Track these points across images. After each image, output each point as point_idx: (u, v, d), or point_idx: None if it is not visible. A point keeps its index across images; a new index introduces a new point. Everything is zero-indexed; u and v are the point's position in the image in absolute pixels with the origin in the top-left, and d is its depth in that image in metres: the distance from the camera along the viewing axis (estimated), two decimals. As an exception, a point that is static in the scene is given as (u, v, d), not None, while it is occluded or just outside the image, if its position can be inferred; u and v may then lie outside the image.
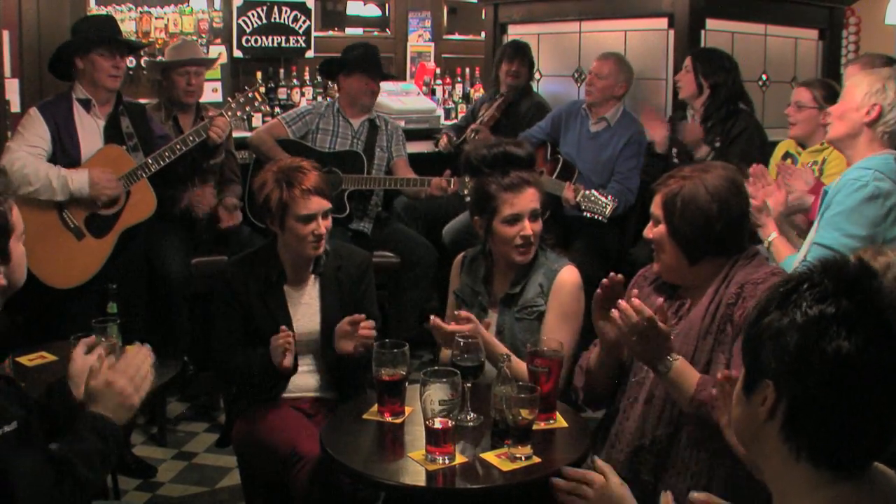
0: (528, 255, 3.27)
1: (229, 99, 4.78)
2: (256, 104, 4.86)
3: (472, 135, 5.92)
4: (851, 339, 1.41)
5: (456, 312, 3.14)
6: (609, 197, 4.75)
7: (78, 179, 4.38)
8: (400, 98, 6.94)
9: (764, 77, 6.05)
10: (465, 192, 4.71)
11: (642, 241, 4.80)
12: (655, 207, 2.76)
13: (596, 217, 4.74)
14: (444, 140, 6.16)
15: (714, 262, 2.71)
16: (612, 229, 5.20)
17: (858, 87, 3.28)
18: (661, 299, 2.69)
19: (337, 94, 5.62)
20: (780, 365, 1.46)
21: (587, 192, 4.80)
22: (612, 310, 2.59)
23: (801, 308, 1.45)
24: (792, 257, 3.33)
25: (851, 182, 3.18)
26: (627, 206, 5.26)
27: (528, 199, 3.23)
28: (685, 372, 2.55)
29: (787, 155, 4.72)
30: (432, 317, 3.11)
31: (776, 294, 1.51)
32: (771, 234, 3.50)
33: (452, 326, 3.02)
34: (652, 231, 2.77)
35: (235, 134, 5.43)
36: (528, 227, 3.23)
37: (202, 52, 5.57)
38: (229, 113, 4.71)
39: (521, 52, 6.13)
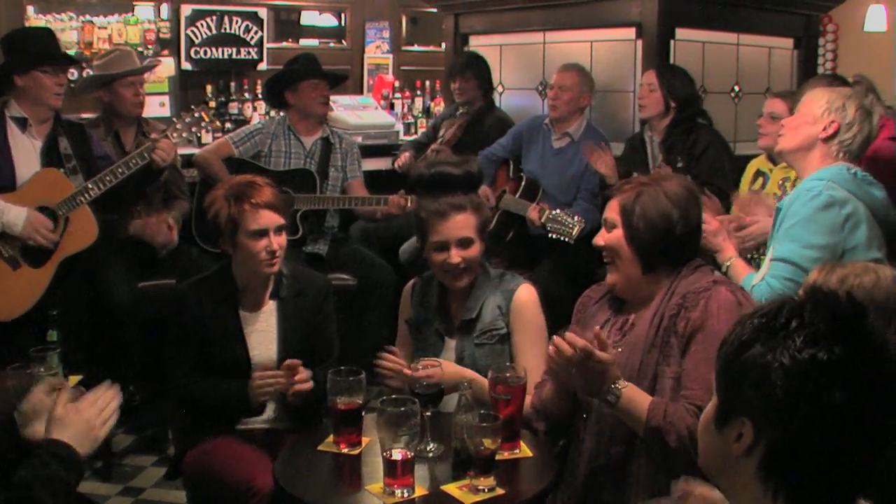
0: (459, 281, 3.30)
1: (174, 120, 4.75)
2: (203, 124, 4.84)
3: (434, 154, 5.88)
4: (843, 388, 1.42)
5: (388, 348, 3.18)
6: (576, 217, 4.75)
7: (15, 214, 4.30)
8: (357, 112, 6.97)
9: (736, 88, 6.11)
10: None
11: None
12: (611, 213, 2.79)
13: (563, 239, 4.75)
14: (402, 158, 6.14)
15: (665, 272, 2.76)
16: (579, 248, 4.92)
17: (817, 102, 3.33)
18: (597, 327, 2.73)
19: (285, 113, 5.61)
20: (762, 406, 1.46)
21: (553, 212, 4.81)
22: (549, 346, 2.63)
23: (789, 350, 1.44)
24: (750, 276, 3.34)
25: (805, 193, 3.23)
26: (595, 225, 5.06)
27: (456, 227, 3.25)
28: (634, 399, 2.58)
29: (758, 173, 4.73)
30: (385, 355, 3.15)
31: (760, 326, 1.49)
32: (730, 257, 3.53)
33: (417, 373, 3.01)
34: (605, 237, 2.81)
35: (183, 151, 5.40)
36: (454, 256, 3.25)
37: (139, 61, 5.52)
38: (174, 134, 4.66)
39: (469, 66, 6.16)
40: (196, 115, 4.71)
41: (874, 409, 1.43)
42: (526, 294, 3.27)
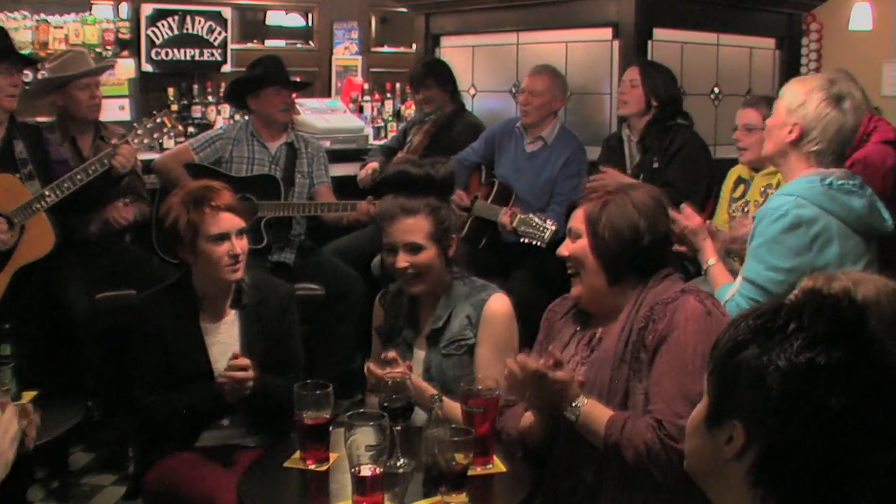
0: (412, 287, 3.31)
1: (135, 126, 4.72)
2: (166, 130, 4.79)
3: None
4: (841, 394, 1.41)
5: (382, 355, 3.13)
6: (548, 221, 4.76)
7: None
8: (325, 116, 6.96)
9: (716, 90, 6.09)
10: None
11: None
12: (576, 222, 2.80)
13: (535, 243, 4.76)
14: (365, 171, 6.04)
15: (631, 284, 2.76)
16: (554, 255, 5.06)
17: (783, 101, 3.29)
18: (552, 347, 2.73)
19: (249, 117, 5.59)
20: (756, 409, 1.46)
21: (525, 216, 4.82)
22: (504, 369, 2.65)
23: (786, 352, 1.44)
24: (727, 286, 3.34)
25: (771, 212, 3.19)
26: None
27: (403, 230, 3.26)
28: (593, 414, 2.59)
29: (739, 181, 4.75)
30: (368, 362, 3.13)
31: (756, 328, 1.49)
32: (710, 259, 3.54)
33: (384, 372, 3.02)
34: (570, 247, 2.81)
35: (143, 156, 5.35)
36: (401, 260, 3.26)
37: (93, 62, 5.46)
38: (135, 140, 4.62)
39: (428, 75, 6.15)
40: (158, 120, 4.68)
41: (872, 416, 1.43)
42: (497, 304, 3.26)
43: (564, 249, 2.83)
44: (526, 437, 2.85)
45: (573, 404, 2.59)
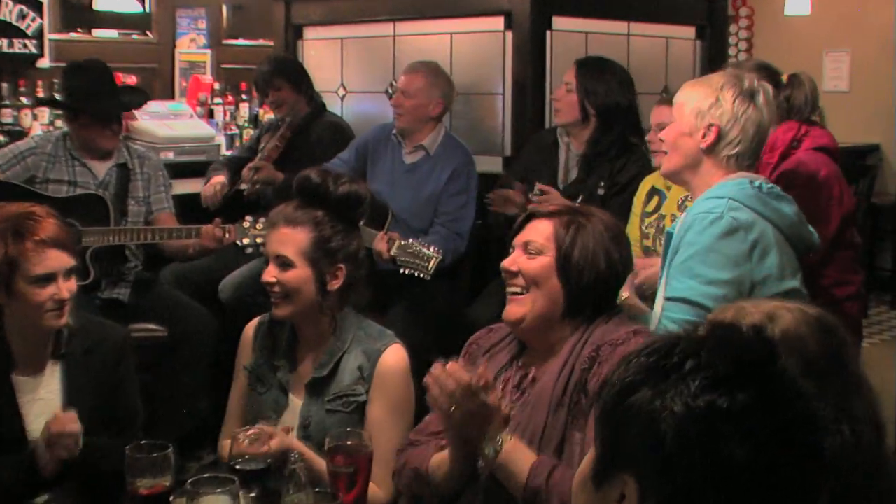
0: (276, 308, 3.34)
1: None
2: None
3: (252, 174, 5.86)
4: (746, 442, 1.40)
5: (247, 433, 2.99)
6: (432, 248, 4.76)
7: None
8: (167, 122, 6.84)
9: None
10: (245, 240, 4.81)
11: (482, 299, 5.20)
12: (537, 236, 2.84)
13: (418, 274, 4.75)
14: (210, 188, 5.95)
15: (582, 319, 2.82)
16: (440, 285, 5.18)
17: (687, 105, 3.36)
18: (481, 367, 2.74)
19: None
20: (649, 461, 1.44)
21: (404, 242, 4.81)
22: (426, 377, 2.69)
23: (682, 395, 1.42)
24: (646, 318, 3.37)
25: (702, 217, 3.24)
26: (457, 255, 5.32)
27: (276, 240, 3.31)
28: (516, 453, 2.62)
29: (653, 191, 4.78)
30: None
31: (649, 366, 1.47)
32: (623, 294, 3.40)
33: (241, 446, 2.93)
34: (527, 264, 2.84)
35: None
36: (268, 273, 3.30)
37: None
38: None
39: (276, 75, 6.15)
40: None
41: (782, 468, 1.41)
42: (394, 358, 3.29)
43: (515, 265, 2.85)
44: (433, 479, 2.88)
45: (496, 438, 2.62)
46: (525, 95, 5.78)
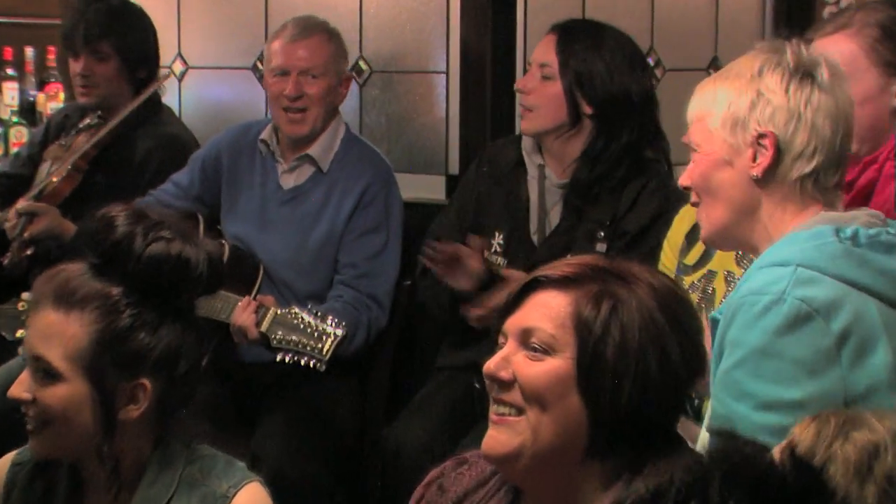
0: (30, 441, 2.84)
1: None
2: None
3: (18, 226, 4.78)
4: None
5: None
6: (330, 320, 4.11)
7: None
8: None
9: (651, 61, 5.18)
10: (20, 333, 4.42)
11: (413, 410, 4.56)
12: (546, 321, 2.33)
13: (308, 363, 4.08)
14: None
15: (623, 461, 2.33)
16: (343, 383, 4.52)
17: (712, 116, 2.82)
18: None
19: None
20: None
21: (283, 312, 4.17)
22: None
23: None
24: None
25: (751, 301, 2.70)
26: (377, 333, 4.54)
27: (36, 333, 2.78)
28: None
29: (694, 234, 3.87)
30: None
31: None
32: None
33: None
34: (524, 367, 2.32)
35: None
36: (17, 387, 2.80)
37: None
38: None
39: (112, 33, 5.06)
40: None
41: None
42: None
43: (507, 370, 2.33)
44: None
45: None
46: (482, 76, 4.98)
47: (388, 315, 4.60)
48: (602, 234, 4.28)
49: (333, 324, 4.09)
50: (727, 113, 2.76)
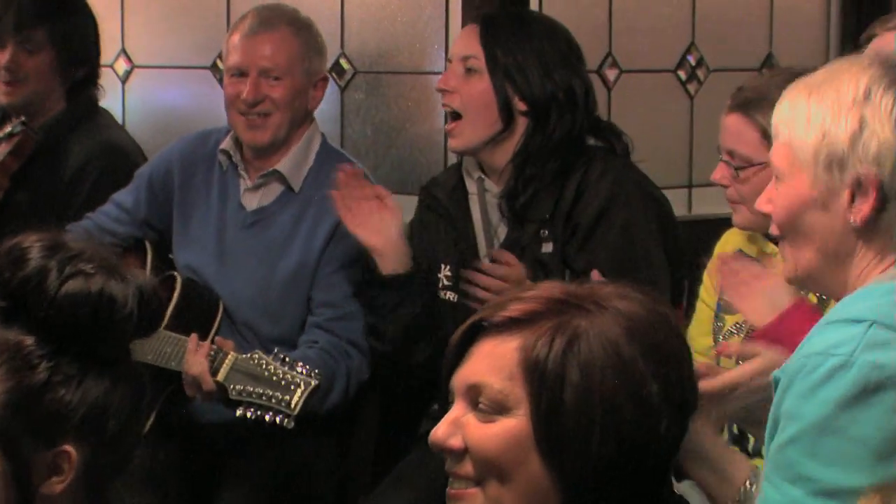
0: None
1: None
2: None
3: None
4: None
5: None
6: (300, 367, 3.90)
7: None
8: None
9: (690, 59, 4.97)
10: None
11: (398, 478, 4.48)
12: (493, 374, 2.16)
13: (274, 419, 3.86)
14: None
15: None
16: (316, 444, 4.35)
17: (804, 142, 2.50)
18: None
19: None
20: None
21: (245, 357, 3.93)
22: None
23: None
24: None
25: (812, 362, 2.42)
26: (358, 384, 4.32)
27: None
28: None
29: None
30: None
31: None
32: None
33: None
34: (474, 432, 2.17)
35: None
36: None
37: None
38: None
39: (45, 18, 4.90)
40: None
41: None
42: None
43: (455, 437, 2.18)
44: None
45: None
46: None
47: (370, 364, 4.24)
48: (546, 232, 4.10)
49: (304, 371, 3.82)
50: (821, 144, 2.52)
